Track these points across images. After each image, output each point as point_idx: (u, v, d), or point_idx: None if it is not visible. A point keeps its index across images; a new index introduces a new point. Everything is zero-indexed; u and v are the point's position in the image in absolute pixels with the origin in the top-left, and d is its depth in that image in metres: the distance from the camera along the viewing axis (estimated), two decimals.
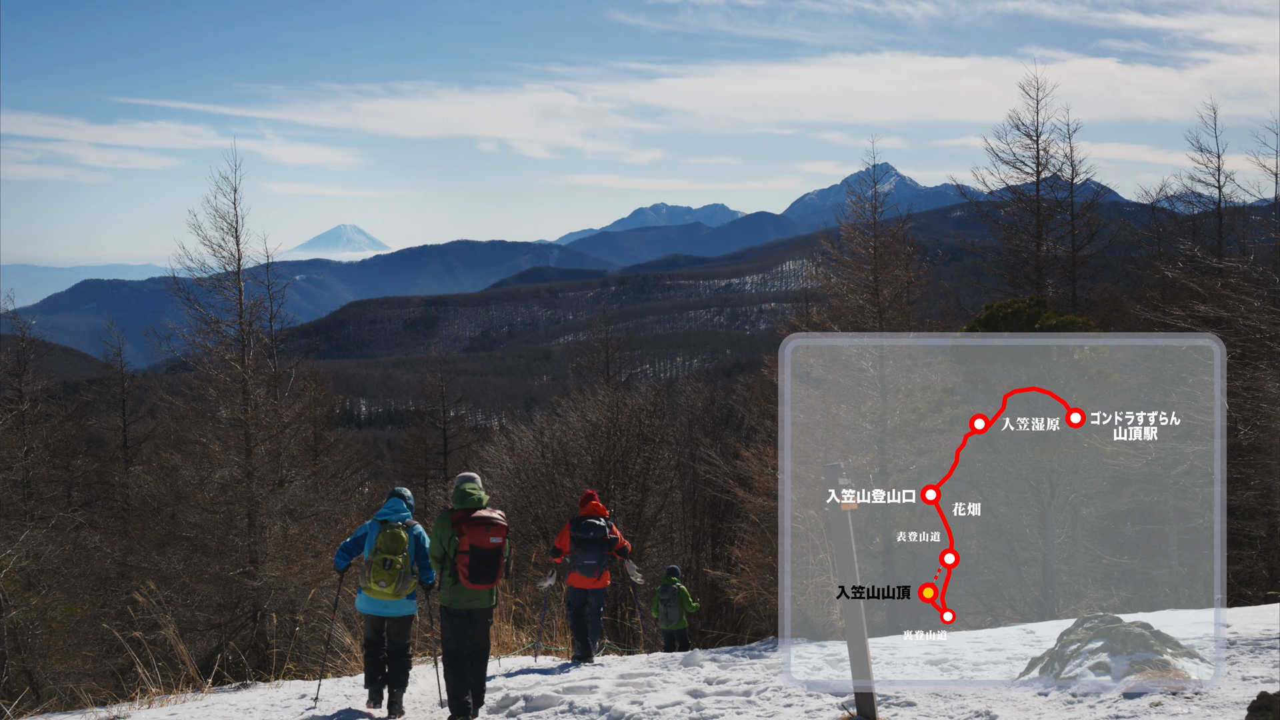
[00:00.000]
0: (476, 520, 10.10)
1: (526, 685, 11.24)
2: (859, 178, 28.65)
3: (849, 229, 26.82)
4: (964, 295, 36.56)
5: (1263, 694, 6.82)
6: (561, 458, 31.72)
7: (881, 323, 25.34)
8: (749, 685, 10.54)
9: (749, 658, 12.51)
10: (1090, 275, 33.88)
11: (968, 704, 9.11)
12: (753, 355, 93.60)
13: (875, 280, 25.71)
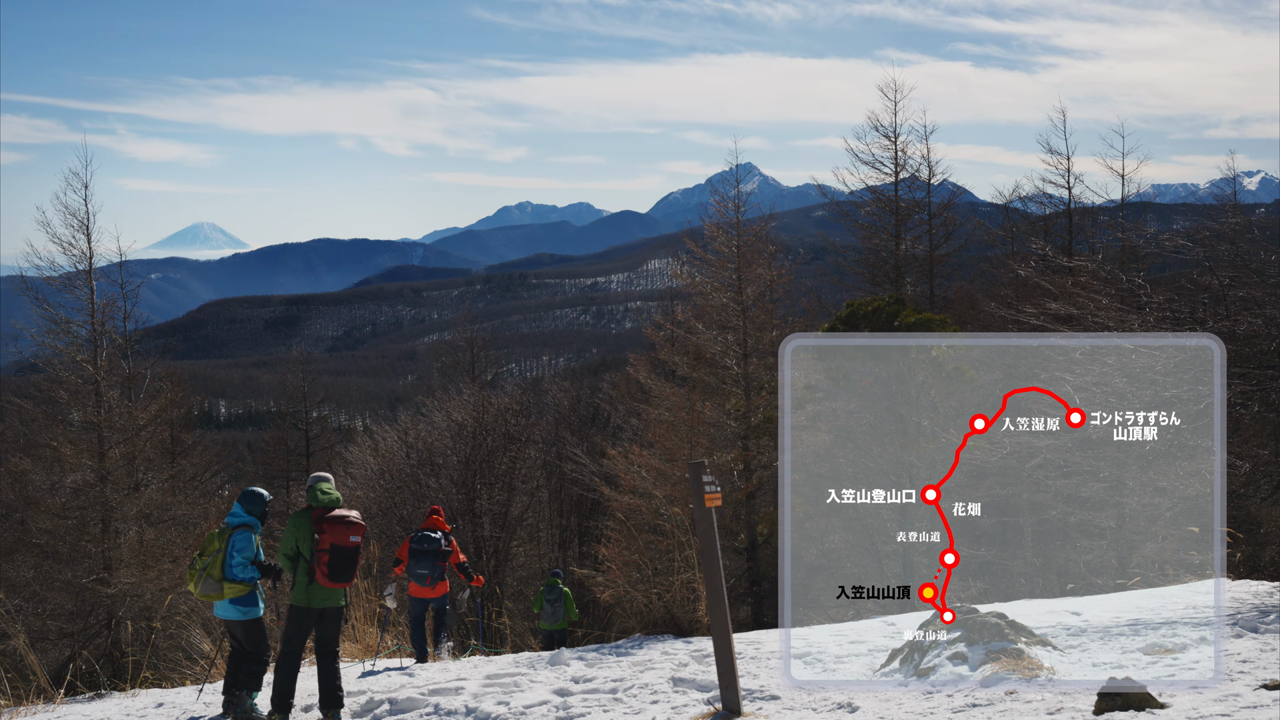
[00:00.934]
0: (337, 519, 9.98)
1: (391, 688, 11.13)
2: (722, 177, 28.92)
3: (713, 228, 27.04)
4: (826, 293, 37.11)
5: (1111, 679, 7.05)
6: (427, 458, 31.45)
7: (745, 320, 25.58)
8: (616, 683, 10.57)
9: (616, 655, 12.53)
10: (947, 273, 34.63)
11: (830, 696, 9.24)
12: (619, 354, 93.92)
13: (739, 278, 25.95)
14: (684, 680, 10.46)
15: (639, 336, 70.51)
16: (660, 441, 23.63)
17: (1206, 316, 13.16)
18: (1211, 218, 24.55)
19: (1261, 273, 13.81)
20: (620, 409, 37.40)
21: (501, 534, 30.59)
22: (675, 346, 26.92)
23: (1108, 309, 14.08)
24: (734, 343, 25.69)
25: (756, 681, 10.04)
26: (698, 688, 10.17)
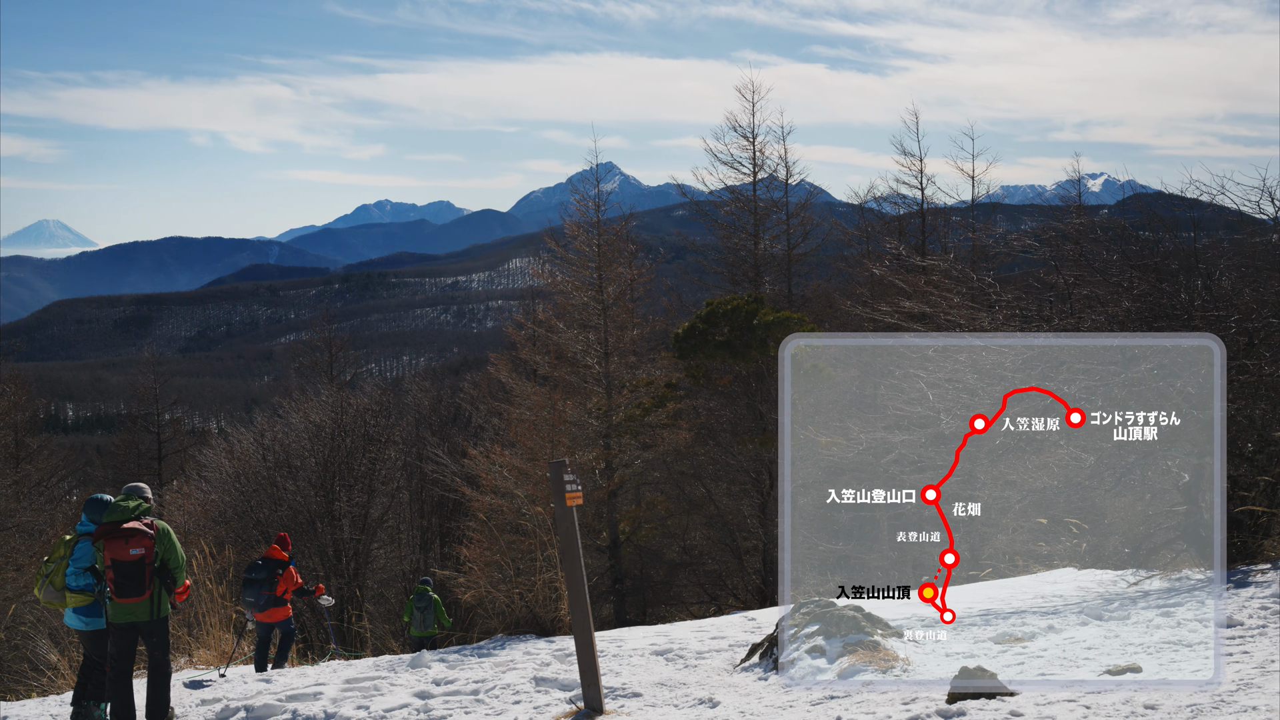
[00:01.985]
0: (117, 533, 9.70)
1: (248, 695, 10.92)
2: (583, 176, 28.92)
3: (573, 227, 27.03)
4: (686, 292, 37.35)
5: (963, 668, 7.22)
6: (284, 460, 30.87)
7: (606, 319, 25.62)
8: (478, 684, 10.51)
9: (478, 656, 12.47)
10: (805, 272, 35.09)
11: (692, 692, 9.31)
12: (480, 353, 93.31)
13: (600, 277, 25.98)
14: (546, 680, 10.45)
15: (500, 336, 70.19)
16: (522, 441, 23.55)
17: (1053, 314, 13.55)
18: (1057, 218, 25.26)
19: (1104, 272, 14.24)
20: (482, 409, 37.17)
21: (361, 536, 30.17)
22: (537, 345, 26.86)
23: (959, 307, 14.41)
24: (595, 341, 25.72)
25: (619, 679, 10.08)
26: (560, 687, 10.17)
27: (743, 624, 12.86)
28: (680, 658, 10.99)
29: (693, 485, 27.29)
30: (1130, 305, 13.29)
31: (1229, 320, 12.87)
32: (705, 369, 25.90)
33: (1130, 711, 6.11)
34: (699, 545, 28.02)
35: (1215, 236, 16.60)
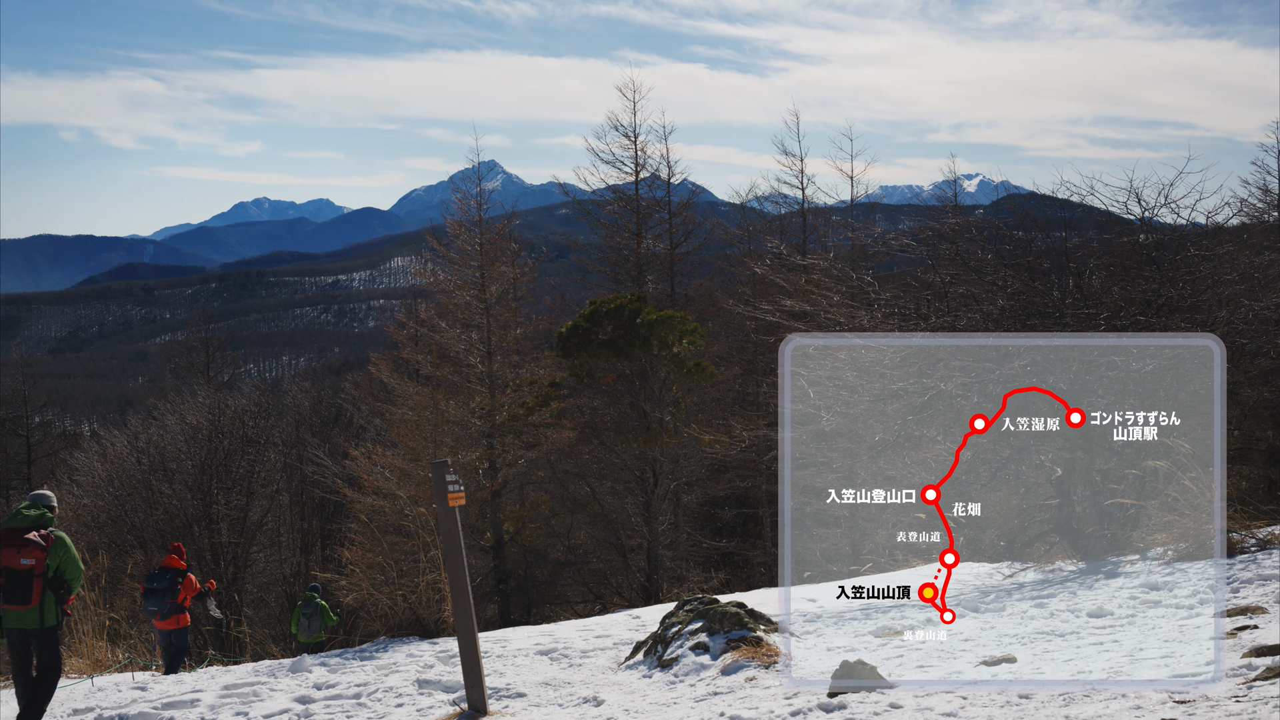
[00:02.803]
0: (13, 541, 9.59)
1: (122, 704, 10.67)
2: (465, 175, 28.76)
3: (455, 226, 26.85)
4: (570, 291, 37.34)
5: (844, 662, 7.31)
6: (159, 463, 30.22)
7: (489, 318, 25.49)
8: (360, 688, 10.39)
9: (360, 660, 12.33)
10: (688, 271, 35.29)
11: (577, 691, 9.31)
12: (361, 353, 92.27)
13: (482, 276, 25.84)
14: (429, 682, 10.37)
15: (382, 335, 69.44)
16: (404, 441, 23.33)
17: (930, 313, 13.78)
18: (934, 218, 25.73)
19: (979, 271, 14.53)
20: (363, 409, 36.77)
21: (240, 540, 29.67)
22: (419, 345, 26.65)
23: (839, 305, 14.59)
24: (478, 341, 25.58)
25: (503, 679, 10.03)
26: (444, 689, 10.09)
27: (627, 622, 12.88)
28: (565, 657, 10.97)
29: (577, 484, 27.28)
30: (1005, 303, 13.57)
31: (1099, 318, 13.21)
32: (589, 368, 25.89)
33: (1005, 701, 6.24)
34: (584, 544, 28.02)
35: (1085, 236, 17.02)
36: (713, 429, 26.10)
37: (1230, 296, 13.53)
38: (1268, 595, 8.47)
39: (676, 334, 24.65)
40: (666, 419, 25.54)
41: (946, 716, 6.12)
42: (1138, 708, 5.54)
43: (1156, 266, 14.09)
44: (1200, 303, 13.45)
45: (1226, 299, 13.50)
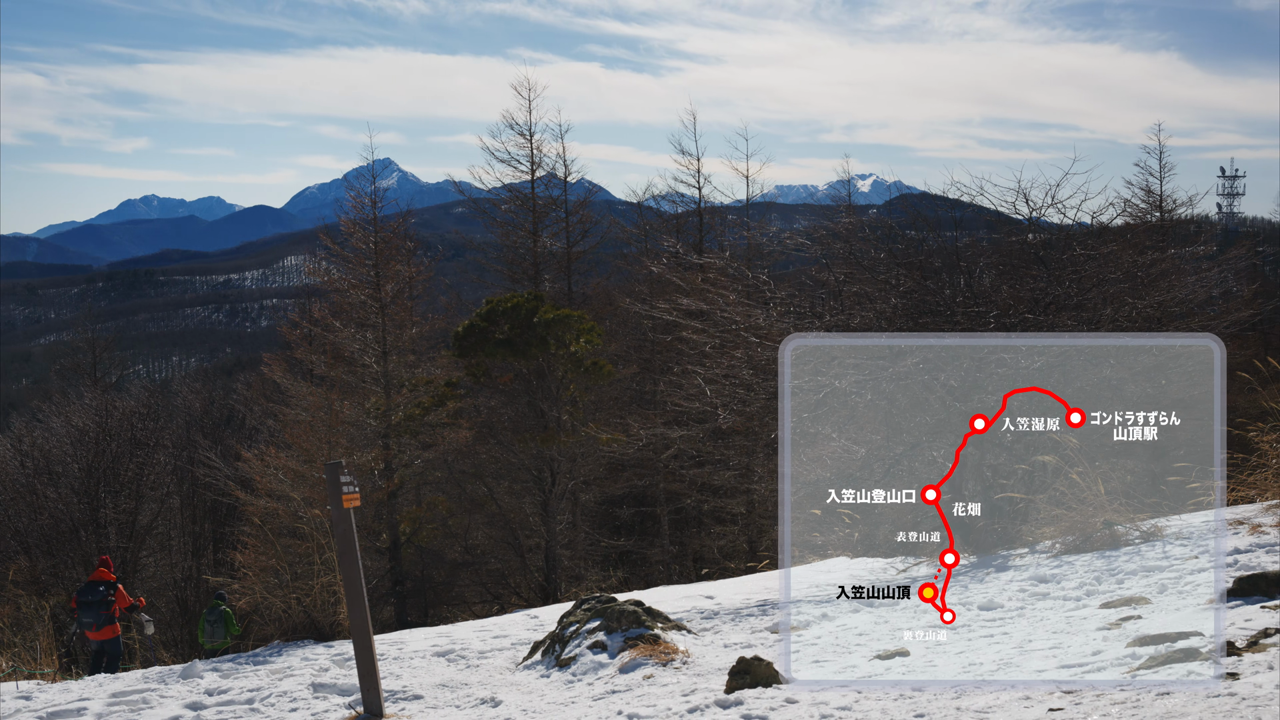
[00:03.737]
0: None
1: (4, 714, 10.41)
2: (359, 173, 28.46)
3: (349, 224, 26.58)
4: (466, 290, 37.14)
5: (740, 659, 7.35)
6: (44, 466, 29.52)
7: (384, 317, 25.27)
8: (253, 693, 10.24)
9: (253, 664, 12.15)
10: (585, 270, 35.29)
11: (474, 691, 9.26)
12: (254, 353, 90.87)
13: (377, 275, 25.61)
14: (325, 685, 10.25)
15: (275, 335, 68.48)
16: (298, 443, 23.02)
17: (824, 311, 13.91)
18: (829, 218, 25.96)
19: (873, 270, 14.70)
20: (256, 410, 36.22)
21: (129, 544, 29.08)
22: (313, 345, 26.31)
23: (735, 304, 14.67)
24: (373, 340, 25.34)
25: (400, 682, 9.95)
26: (339, 692, 9.99)
27: (525, 622, 12.84)
28: (462, 658, 10.91)
29: (474, 484, 27.13)
30: (897, 301, 13.74)
31: (988, 316, 13.43)
32: (486, 367, 25.76)
33: (899, 694, 6.32)
34: (481, 544, 27.88)
35: (976, 235, 17.29)
36: (611, 428, 26.12)
37: (1115, 295, 13.85)
38: (1151, 586, 8.69)
39: (574, 333, 24.63)
40: (564, 418, 25.51)
41: (841, 710, 6.18)
42: (1026, 698, 5.64)
43: (1044, 265, 14.37)
44: (1086, 301, 13.74)
45: (1111, 297, 13.81)
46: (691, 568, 28.46)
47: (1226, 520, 11.05)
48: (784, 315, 14.17)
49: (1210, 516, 11.92)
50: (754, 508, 26.85)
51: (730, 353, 14.63)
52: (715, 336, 14.90)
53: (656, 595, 13.14)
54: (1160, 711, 4.85)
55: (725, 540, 28.40)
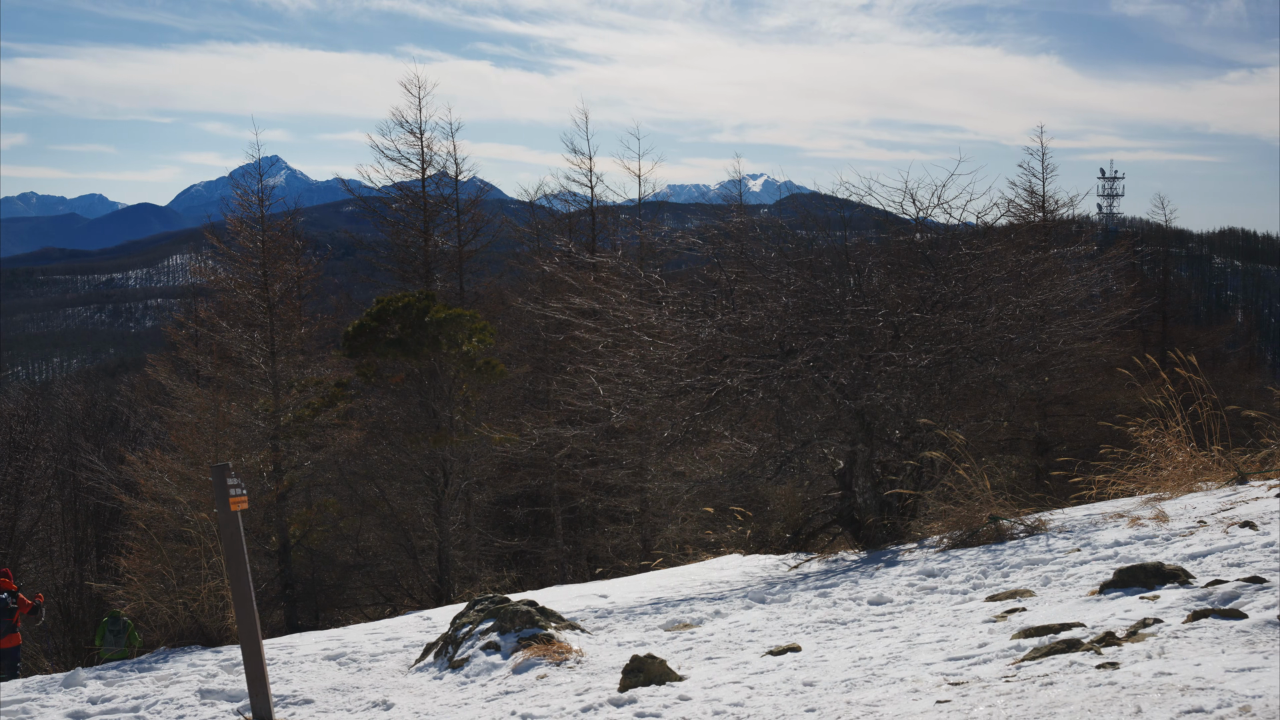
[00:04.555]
0: None
1: None
2: (246, 170, 28.04)
3: (236, 223, 26.16)
4: (356, 290, 36.76)
5: (634, 657, 7.37)
6: None
7: (272, 317, 24.91)
8: (138, 700, 10.03)
9: (138, 671, 11.90)
10: (477, 269, 35.12)
11: (366, 695, 9.17)
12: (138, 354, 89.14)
13: (265, 275, 25.23)
14: (212, 692, 10.08)
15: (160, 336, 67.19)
16: (184, 445, 22.61)
17: (716, 309, 13.99)
18: (720, 217, 26.16)
19: (763, 269, 14.82)
20: (141, 412, 35.54)
21: (8, 550, 28.35)
22: (199, 345, 25.85)
23: (628, 303, 14.69)
24: (261, 341, 24.96)
25: (290, 687, 9.82)
26: (227, 698, 9.83)
27: (418, 624, 12.74)
28: (354, 661, 10.79)
29: (366, 485, 26.85)
30: (788, 300, 13.87)
31: (877, 315, 13.60)
32: (377, 367, 25.52)
33: (790, 689, 6.37)
34: (373, 546, 27.61)
35: (864, 235, 17.52)
36: (503, 427, 26.02)
37: (999, 293, 14.11)
38: (1035, 579, 8.87)
39: (466, 332, 24.49)
40: (456, 418, 25.36)
41: (734, 706, 6.22)
42: (915, 691, 5.72)
43: (931, 265, 14.60)
44: (972, 299, 13.99)
45: (996, 295, 14.07)
46: (585, 567, 28.47)
47: (1107, 513, 11.31)
48: (676, 314, 14.23)
49: (1092, 510, 12.19)
50: (647, 506, 26.93)
51: (623, 351, 14.65)
52: (608, 335, 14.91)
53: (550, 595, 13.12)
54: (1044, 702, 4.95)
55: (619, 539, 28.45)
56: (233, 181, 28.27)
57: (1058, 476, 16.97)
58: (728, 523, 17.76)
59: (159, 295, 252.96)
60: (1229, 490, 11.26)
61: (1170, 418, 12.85)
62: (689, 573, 14.07)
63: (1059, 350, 16.25)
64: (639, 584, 13.58)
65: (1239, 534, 8.61)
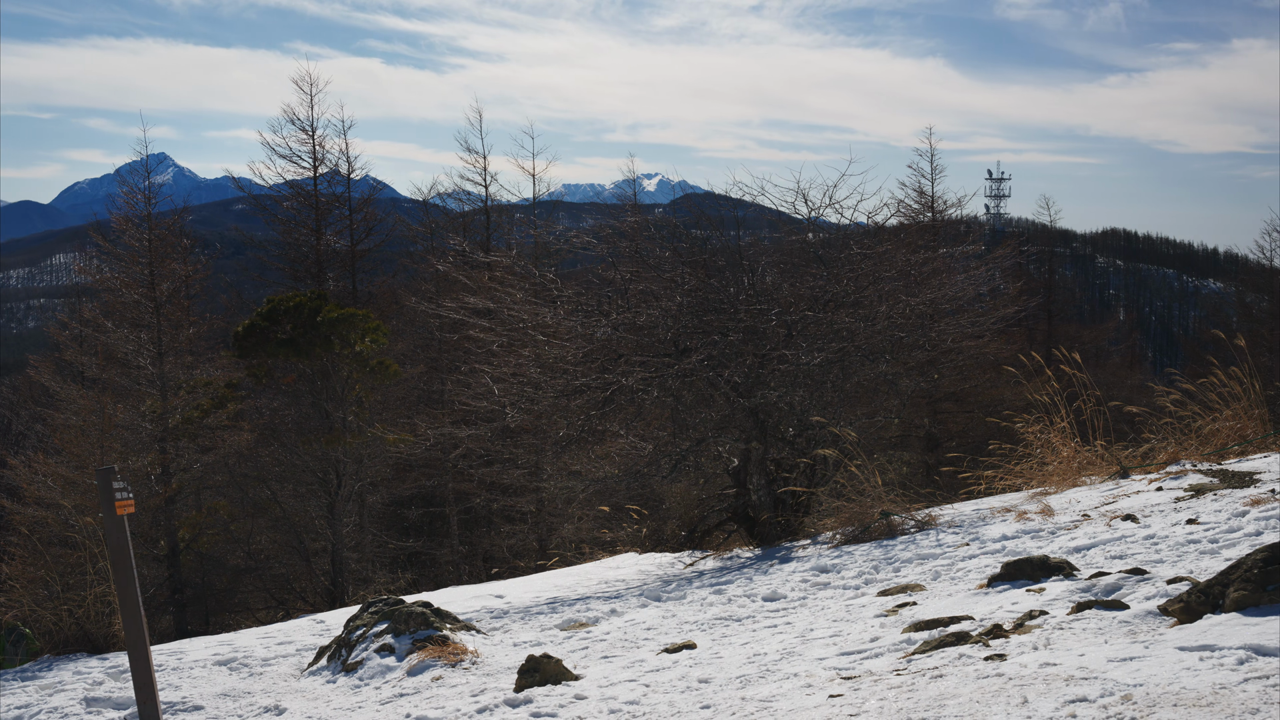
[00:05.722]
0: None
1: None
2: (132, 168, 27.48)
3: (121, 221, 25.66)
4: (247, 289, 36.27)
5: (530, 657, 7.36)
6: None
7: (159, 318, 24.45)
8: (20, 710, 9.80)
9: (20, 680, 11.61)
10: (370, 268, 34.83)
11: (258, 700, 9.04)
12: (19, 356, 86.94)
13: (152, 274, 24.77)
14: (99, 700, 9.87)
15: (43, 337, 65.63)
16: (68, 448, 22.12)
17: (611, 309, 14.00)
18: (615, 216, 26.20)
19: (658, 268, 14.87)
20: (23, 415, 34.70)
21: None
22: (83, 346, 25.32)
23: (523, 303, 14.66)
24: (148, 341, 24.49)
25: (179, 693, 9.65)
26: (114, 706, 9.63)
27: (311, 627, 12.58)
28: (245, 666, 10.63)
29: (257, 488, 26.46)
30: (683, 299, 13.93)
31: (770, 314, 13.72)
32: (268, 368, 25.18)
33: (686, 686, 6.41)
34: (265, 549, 27.22)
35: (758, 234, 17.66)
36: (398, 428, 25.83)
37: (890, 292, 14.31)
38: (925, 573, 9.02)
39: (359, 332, 24.26)
40: (350, 419, 25.10)
41: (630, 705, 6.24)
42: (808, 686, 5.79)
43: (823, 264, 14.76)
44: (863, 298, 14.16)
45: (887, 295, 14.26)
46: (481, 567, 28.34)
47: (995, 508, 11.54)
48: (571, 313, 14.22)
49: (980, 505, 12.43)
50: (543, 506, 26.88)
51: (518, 351, 14.61)
52: (503, 335, 14.85)
53: (446, 596, 13.03)
54: (934, 694, 5.04)
55: (515, 539, 28.37)
56: (119, 179, 27.71)
57: (948, 472, 17.25)
58: (624, 521, 17.79)
59: (42, 295, 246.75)
60: (1112, 484, 11.54)
61: (1055, 414, 13.15)
62: (585, 572, 14.07)
63: (948, 348, 16.56)
64: (535, 584, 13.54)
65: (1121, 527, 8.85)
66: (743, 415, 13.43)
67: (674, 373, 13.25)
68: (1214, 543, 7.76)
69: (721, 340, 13.43)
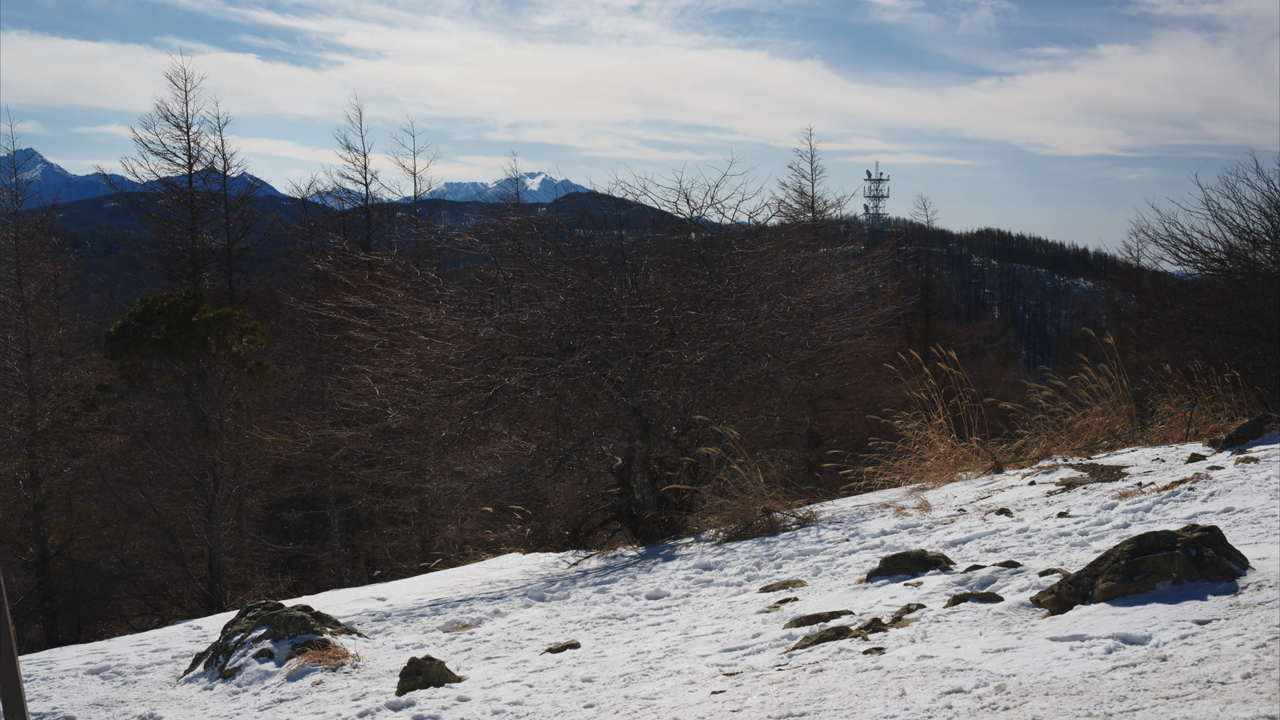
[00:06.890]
0: None
1: None
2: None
3: None
4: (119, 289, 35.47)
5: (412, 659, 7.29)
6: None
7: (27, 318, 23.79)
8: None
9: None
10: (248, 268, 34.28)
11: (131, 709, 8.83)
12: None
13: (19, 274, 24.10)
14: None
15: None
16: None
17: (494, 308, 13.94)
18: (498, 215, 26.12)
19: (541, 267, 14.84)
20: None
21: None
22: None
23: (404, 302, 14.53)
24: (15, 343, 23.82)
25: (49, 704, 9.39)
26: None
27: (187, 633, 12.32)
28: (119, 674, 10.38)
29: (131, 492, 25.89)
30: (566, 299, 13.91)
31: (653, 313, 13.76)
32: (141, 369, 24.64)
33: (570, 686, 6.40)
34: (139, 555, 26.64)
35: (641, 234, 17.70)
36: (276, 429, 25.44)
37: (771, 291, 14.44)
38: (806, 569, 9.11)
39: (236, 332, 23.85)
40: (227, 420, 24.67)
41: (513, 705, 6.21)
42: (691, 683, 5.81)
43: (705, 264, 14.85)
44: (745, 297, 14.28)
45: (768, 294, 14.39)
46: (364, 570, 28.04)
47: (874, 504, 11.70)
48: (454, 313, 14.13)
49: (860, 501, 12.60)
50: (426, 507, 26.68)
51: (400, 351, 14.47)
52: (384, 335, 14.71)
53: (327, 599, 12.86)
54: (814, 688, 5.08)
55: (398, 541, 28.12)
56: None
57: (829, 469, 17.47)
58: (507, 522, 17.73)
59: None
60: (987, 479, 11.78)
61: (933, 410, 13.39)
62: (468, 573, 13.98)
63: (828, 346, 16.76)
64: (418, 585, 13.42)
65: (996, 521, 9.03)
66: (626, 414, 13.45)
67: (557, 372, 13.23)
68: (1084, 535, 7.96)
69: (605, 339, 13.44)
